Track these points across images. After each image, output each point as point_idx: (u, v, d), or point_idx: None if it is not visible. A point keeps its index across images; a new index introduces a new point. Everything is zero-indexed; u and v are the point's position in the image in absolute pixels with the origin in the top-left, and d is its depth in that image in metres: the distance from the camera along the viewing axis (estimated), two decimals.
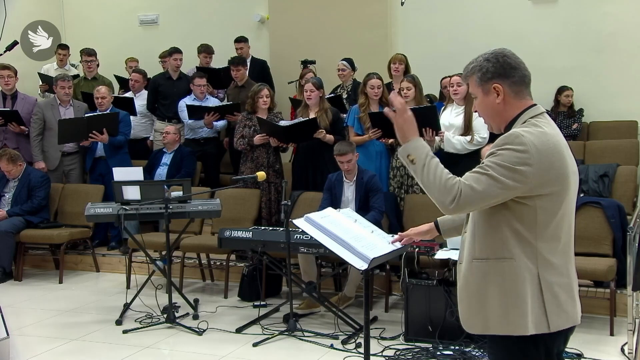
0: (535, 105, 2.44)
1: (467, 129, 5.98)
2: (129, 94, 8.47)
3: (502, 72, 2.39)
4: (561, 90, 8.02)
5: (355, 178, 5.77)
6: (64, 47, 9.03)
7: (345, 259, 3.08)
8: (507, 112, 2.42)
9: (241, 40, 8.75)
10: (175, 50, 8.33)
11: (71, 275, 7.07)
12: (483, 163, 2.33)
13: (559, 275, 2.38)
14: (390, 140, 6.21)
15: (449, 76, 6.36)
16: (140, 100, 8.27)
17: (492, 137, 5.89)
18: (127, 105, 7.95)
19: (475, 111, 2.56)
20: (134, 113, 8.00)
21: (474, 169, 2.35)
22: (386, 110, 2.53)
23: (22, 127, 7.47)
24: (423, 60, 8.10)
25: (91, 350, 4.92)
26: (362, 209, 5.53)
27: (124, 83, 8.97)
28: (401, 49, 8.29)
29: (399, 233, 3.03)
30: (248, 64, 8.45)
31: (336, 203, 5.67)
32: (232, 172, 7.78)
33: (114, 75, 9.20)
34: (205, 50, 8.79)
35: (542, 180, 2.29)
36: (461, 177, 2.40)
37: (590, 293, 5.20)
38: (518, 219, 2.33)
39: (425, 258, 4.97)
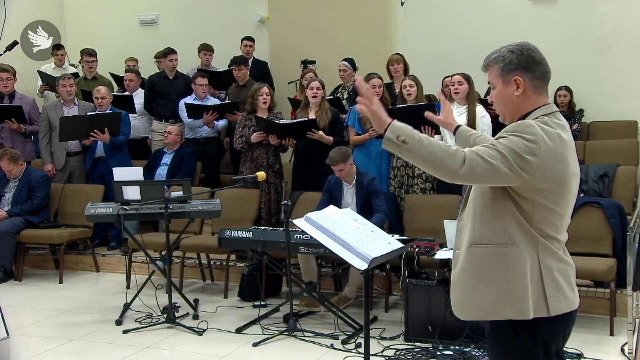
0: (549, 104, 2.44)
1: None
2: (126, 93, 8.47)
3: (525, 65, 2.40)
4: (556, 90, 8.03)
5: (354, 181, 5.75)
6: (60, 47, 9.03)
7: (345, 259, 3.08)
8: (524, 105, 2.42)
9: (249, 39, 8.80)
10: (170, 51, 8.31)
11: (71, 275, 7.07)
12: (492, 142, 2.32)
13: (558, 261, 2.40)
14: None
15: (450, 75, 6.37)
16: (137, 99, 8.26)
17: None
18: (126, 103, 7.95)
19: (491, 102, 2.55)
20: (133, 110, 8.00)
21: (483, 144, 2.34)
22: (359, 99, 2.42)
23: (20, 124, 7.47)
24: (423, 60, 8.11)
25: (91, 350, 4.92)
26: (364, 212, 5.51)
27: (120, 81, 8.97)
28: (401, 49, 8.29)
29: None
30: (250, 64, 8.44)
31: (335, 206, 5.64)
32: (232, 172, 7.79)
33: (110, 73, 9.19)
34: (205, 48, 8.81)
35: (544, 175, 2.30)
36: None
37: (590, 293, 5.19)
38: (518, 208, 2.34)
39: (425, 258, 4.97)
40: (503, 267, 2.36)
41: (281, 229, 5.19)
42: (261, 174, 5.40)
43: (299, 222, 3.23)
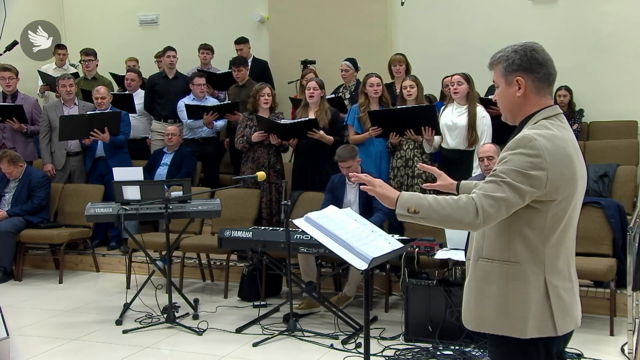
0: (552, 105, 2.42)
1: (471, 128, 5.96)
2: (126, 92, 8.46)
3: (527, 66, 2.38)
4: (556, 90, 8.02)
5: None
6: (62, 47, 9.04)
7: (345, 259, 3.08)
8: (526, 106, 2.41)
9: (241, 41, 8.75)
10: (169, 48, 8.33)
11: (71, 275, 7.07)
12: (496, 170, 2.31)
13: (563, 279, 2.39)
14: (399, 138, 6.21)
15: (450, 75, 6.37)
16: (138, 99, 8.26)
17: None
18: (126, 103, 7.95)
19: (495, 100, 2.55)
20: (133, 110, 8.00)
21: (488, 179, 2.32)
22: (362, 188, 2.54)
23: (22, 124, 7.48)
24: (423, 60, 8.09)
25: (91, 350, 4.92)
26: (366, 211, 5.50)
27: (120, 81, 8.97)
28: (401, 49, 8.28)
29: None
30: (249, 64, 8.44)
31: (338, 205, 5.63)
32: (232, 172, 7.78)
33: (110, 72, 9.19)
34: (204, 47, 8.80)
35: (555, 185, 2.28)
36: (464, 178, 2.38)
37: (590, 293, 5.20)
38: (528, 224, 2.33)
39: (425, 258, 4.97)
40: (504, 284, 2.36)
41: (281, 229, 5.19)
42: (261, 174, 5.40)
43: (299, 222, 3.22)
